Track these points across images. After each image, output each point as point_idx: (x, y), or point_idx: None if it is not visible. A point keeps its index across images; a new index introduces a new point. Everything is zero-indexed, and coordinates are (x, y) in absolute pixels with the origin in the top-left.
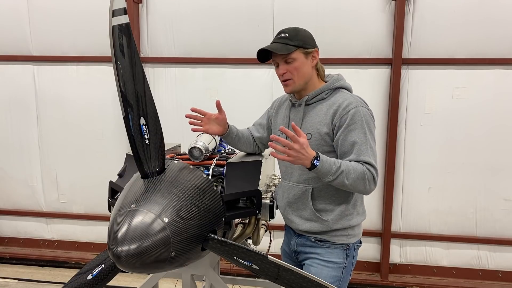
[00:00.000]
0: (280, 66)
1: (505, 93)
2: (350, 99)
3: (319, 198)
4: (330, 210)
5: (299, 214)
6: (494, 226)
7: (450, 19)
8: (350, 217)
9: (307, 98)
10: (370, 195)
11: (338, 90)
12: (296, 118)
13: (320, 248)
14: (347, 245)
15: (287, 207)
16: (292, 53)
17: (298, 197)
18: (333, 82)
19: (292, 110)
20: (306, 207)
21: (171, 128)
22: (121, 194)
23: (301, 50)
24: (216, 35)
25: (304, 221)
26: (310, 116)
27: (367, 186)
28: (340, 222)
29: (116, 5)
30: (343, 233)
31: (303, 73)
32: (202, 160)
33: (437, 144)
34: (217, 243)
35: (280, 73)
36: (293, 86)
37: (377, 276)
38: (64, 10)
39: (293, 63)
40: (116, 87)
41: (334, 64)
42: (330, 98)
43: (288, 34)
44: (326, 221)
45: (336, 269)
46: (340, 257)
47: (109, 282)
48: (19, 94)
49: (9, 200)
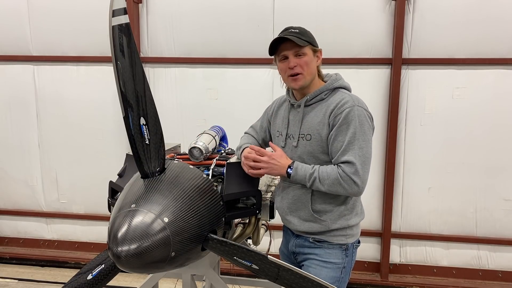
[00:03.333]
0: (291, 59)
1: (505, 93)
2: (347, 99)
3: (318, 199)
4: (328, 210)
5: (297, 215)
6: (494, 226)
7: (450, 19)
8: (349, 217)
9: (307, 99)
10: (370, 195)
11: (337, 90)
12: (295, 119)
13: (318, 248)
14: (345, 245)
15: (286, 208)
16: (305, 48)
17: (297, 197)
18: (332, 82)
19: (291, 111)
20: (304, 207)
21: (171, 128)
22: (121, 194)
23: (311, 47)
24: (216, 35)
25: (302, 221)
26: (310, 117)
27: (349, 189)
28: (338, 222)
29: (116, 5)
30: (342, 233)
31: (311, 69)
32: (202, 160)
33: (437, 144)
34: (217, 243)
35: (291, 66)
36: (303, 81)
37: (377, 276)
38: (64, 10)
39: (303, 58)
40: (116, 87)
41: (334, 64)
42: (329, 98)
43: (298, 30)
44: (324, 221)
45: (335, 269)
46: (339, 258)
47: (109, 282)
48: (19, 94)
49: (9, 200)
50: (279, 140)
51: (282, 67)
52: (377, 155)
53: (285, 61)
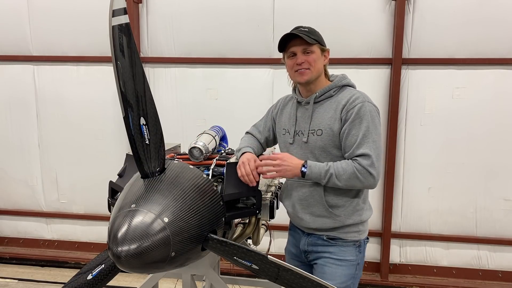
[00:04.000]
0: (299, 56)
1: (505, 93)
2: (357, 95)
3: (331, 193)
4: (342, 205)
5: (310, 211)
6: (494, 226)
7: (450, 19)
8: (361, 212)
9: (316, 96)
10: (370, 195)
11: (345, 87)
12: (304, 115)
13: (332, 246)
14: (358, 242)
15: (297, 204)
16: (313, 46)
17: (309, 193)
18: (340, 80)
19: (299, 108)
20: (318, 203)
21: (171, 128)
22: (121, 194)
23: (319, 46)
24: (216, 35)
25: (315, 218)
26: (319, 113)
27: (365, 182)
28: (352, 217)
29: (116, 5)
30: (355, 229)
31: (318, 67)
32: (202, 160)
33: (437, 144)
34: (217, 243)
35: (298, 62)
36: (309, 75)
37: (377, 276)
38: (64, 10)
39: (311, 55)
40: (116, 87)
41: (334, 64)
42: (338, 94)
43: (307, 29)
44: (338, 217)
45: (349, 267)
46: (353, 255)
47: (109, 282)
48: (19, 94)
49: (9, 200)
50: (287, 138)
51: (290, 63)
52: None
53: (293, 58)
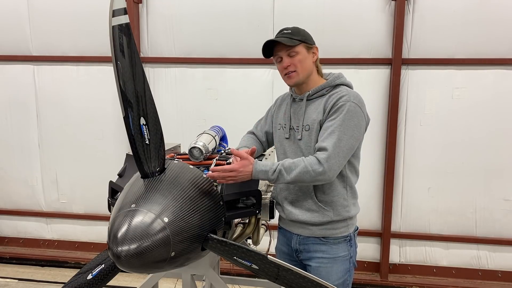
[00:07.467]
0: (284, 60)
1: (505, 93)
2: (344, 93)
3: (320, 189)
4: (329, 201)
5: (299, 205)
6: (494, 226)
7: (450, 19)
8: (348, 209)
9: (309, 94)
10: (370, 195)
11: (338, 86)
12: (297, 112)
13: (324, 245)
14: (348, 236)
15: (285, 199)
16: (296, 47)
17: (299, 188)
18: (334, 79)
19: (293, 105)
20: (308, 197)
21: (171, 128)
22: (121, 194)
23: (304, 45)
24: (216, 36)
25: (304, 211)
26: (310, 109)
27: (313, 173)
28: (341, 213)
29: (116, 5)
30: (343, 224)
31: (306, 67)
32: (202, 160)
33: (437, 144)
34: (217, 243)
35: (284, 66)
36: (296, 78)
37: (377, 276)
38: (64, 10)
39: (296, 56)
40: (116, 87)
41: (334, 64)
42: (330, 93)
43: (291, 30)
44: (327, 211)
45: (343, 262)
46: (345, 250)
47: (109, 282)
48: (19, 94)
49: (9, 200)
50: (282, 133)
51: (279, 67)
52: (377, 155)
53: (281, 62)
